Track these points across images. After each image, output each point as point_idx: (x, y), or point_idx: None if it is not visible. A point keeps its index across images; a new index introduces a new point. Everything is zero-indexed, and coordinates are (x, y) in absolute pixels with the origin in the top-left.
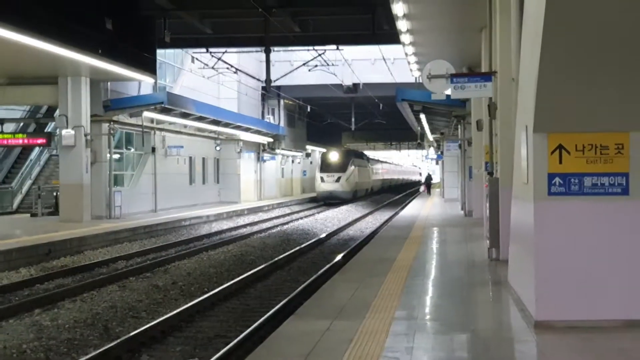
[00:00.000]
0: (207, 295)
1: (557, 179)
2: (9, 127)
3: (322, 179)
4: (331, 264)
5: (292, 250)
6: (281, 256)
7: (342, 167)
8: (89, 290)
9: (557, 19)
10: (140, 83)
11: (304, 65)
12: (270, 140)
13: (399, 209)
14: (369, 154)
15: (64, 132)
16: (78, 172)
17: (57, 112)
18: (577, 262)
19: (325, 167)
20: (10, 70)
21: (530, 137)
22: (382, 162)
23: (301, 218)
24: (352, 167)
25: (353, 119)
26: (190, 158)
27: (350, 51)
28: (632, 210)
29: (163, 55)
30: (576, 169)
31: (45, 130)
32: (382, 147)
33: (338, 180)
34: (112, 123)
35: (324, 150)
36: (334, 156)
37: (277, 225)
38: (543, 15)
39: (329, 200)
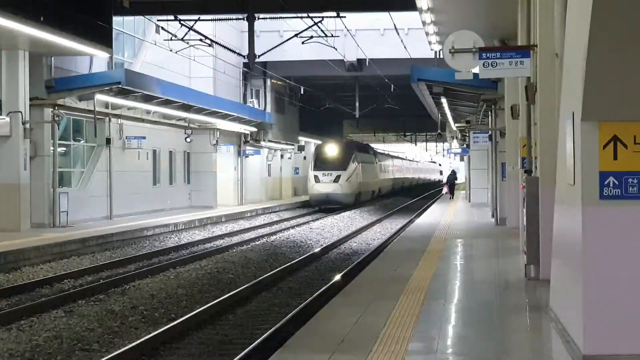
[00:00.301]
0: (175, 323)
1: (610, 179)
2: None
3: (316, 179)
4: (330, 283)
5: (281, 267)
6: (267, 274)
7: (341, 164)
8: (28, 317)
9: None
10: (93, 58)
11: (296, 37)
12: (254, 129)
13: (414, 216)
14: (377, 147)
15: None
16: (14, 169)
17: None
18: (635, 282)
19: (320, 163)
20: None
21: (578, 127)
22: (393, 157)
23: (292, 227)
24: (355, 163)
25: (357, 104)
26: (155, 152)
27: (354, 19)
28: None
29: (121, 24)
30: (635, 166)
31: None
32: (394, 138)
33: (337, 180)
34: (56, 108)
35: (320, 142)
36: (332, 149)
37: (262, 236)
38: None
39: (325, 206)
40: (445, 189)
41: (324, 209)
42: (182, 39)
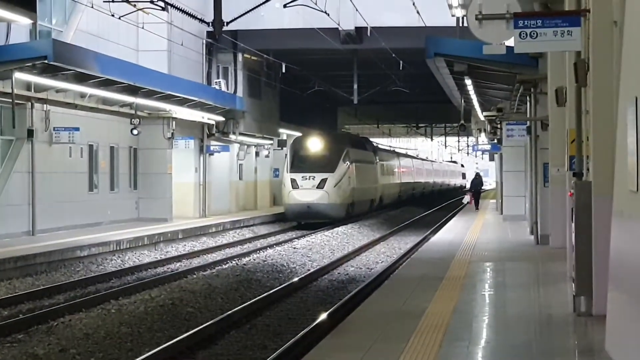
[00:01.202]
0: None
1: None
2: None
3: (293, 184)
4: (318, 320)
5: (256, 299)
6: (237, 307)
7: (328, 164)
8: None
9: None
10: (10, 26)
11: None
12: (221, 119)
13: (429, 233)
14: (379, 142)
15: None
16: None
17: None
18: None
19: (299, 163)
20: None
21: None
22: (399, 155)
23: (271, 246)
24: (347, 163)
25: (355, 86)
26: (91, 147)
27: None
28: None
29: None
30: None
31: None
32: (403, 131)
33: (321, 185)
34: None
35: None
36: (315, 144)
37: (231, 258)
38: None
39: (306, 220)
40: (467, 198)
41: (307, 225)
42: (127, 1)
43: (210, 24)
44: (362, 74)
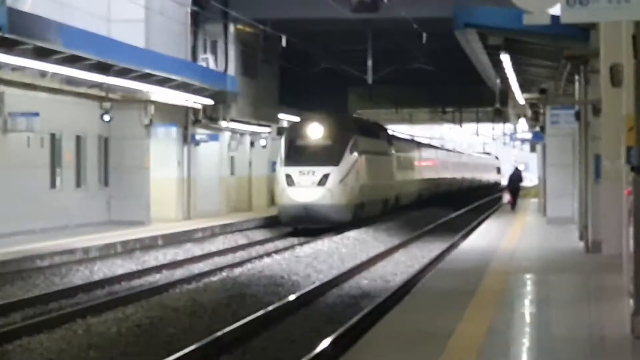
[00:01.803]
0: None
1: None
2: None
3: (289, 180)
4: (326, 344)
5: (251, 318)
6: (229, 328)
7: (331, 155)
8: None
9: None
10: None
11: None
12: (209, 102)
13: (457, 238)
14: (396, 129)
15: None
16: None
17: None
18: None
19: (295, 154)
20: None
21: None
22: (420, 144)
23: (268, 254)
24: (354, 154)
25: (370, 63)
26: (54, 137)
27: None
28: None
29: None
30: None
31: None
32: (426, 117)
33: (322, 182)
34: None
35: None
36: (315, 131)
37: (220, 269)
38: None
39: (305, 225)
40: (506, 197)
41: (304, 230)
42: None
43: None
44: (378, 49)
